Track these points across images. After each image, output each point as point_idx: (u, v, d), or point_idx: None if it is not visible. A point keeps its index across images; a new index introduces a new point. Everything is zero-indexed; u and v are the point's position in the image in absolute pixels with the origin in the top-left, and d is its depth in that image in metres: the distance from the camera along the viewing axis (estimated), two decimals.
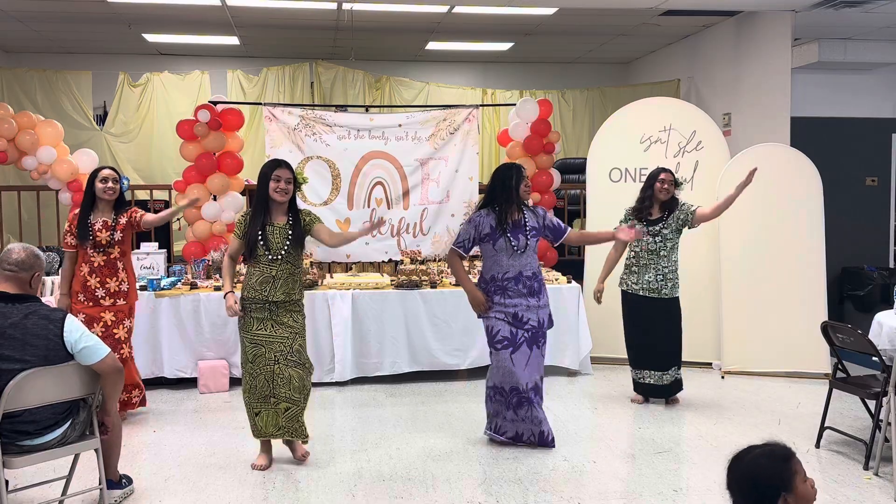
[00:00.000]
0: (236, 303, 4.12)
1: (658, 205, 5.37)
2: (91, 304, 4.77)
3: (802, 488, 2.04)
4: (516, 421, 4.51)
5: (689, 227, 5.38)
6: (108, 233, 4.78)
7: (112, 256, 4.81)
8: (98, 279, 4.77)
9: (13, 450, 3.20)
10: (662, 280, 5.30)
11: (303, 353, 4.22)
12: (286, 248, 4.13)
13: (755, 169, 5.33)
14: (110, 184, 4.78)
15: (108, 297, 4.80)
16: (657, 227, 5.32)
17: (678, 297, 5.40)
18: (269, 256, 4.10)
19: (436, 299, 6.06)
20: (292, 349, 4.15)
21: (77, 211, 4.88)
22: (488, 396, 4.59)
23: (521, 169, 4.53)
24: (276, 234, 4.12)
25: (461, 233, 4.52)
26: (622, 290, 5.48)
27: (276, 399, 4.15)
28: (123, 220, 4.84)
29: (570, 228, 4.69)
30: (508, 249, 4.39)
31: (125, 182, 4.96)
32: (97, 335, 4.68)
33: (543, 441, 4.52)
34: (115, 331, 4.84)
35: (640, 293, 5.35)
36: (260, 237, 4.10)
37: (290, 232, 4.15)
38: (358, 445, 4.60)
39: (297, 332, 4.19)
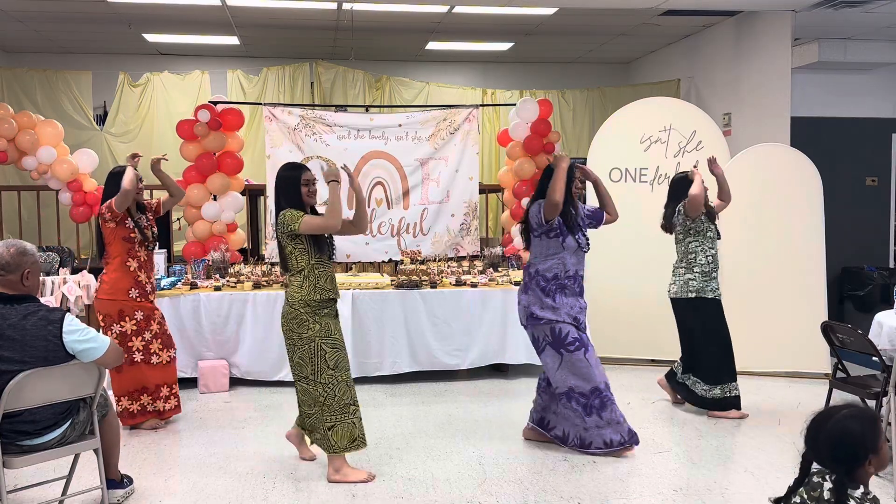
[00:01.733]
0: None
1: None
2: (143, 300, 4.84)
3: (884, 450, 2.17)
4: (601, 426, 4.31)
5: None
6: (150, 229, 4.93)
7: (152, 252, 4.97)
8: (146, 274, 4.88)
9: (13, 450, 3.20)
10: None
11: None
12: (334, 245, 4.16)
13: (713, 159, 5.32)
14: (139, 185, 4.85)
15: (152, 292, 4.95)
16: (717, 227, 5.23)
17: None
18: (330, 254, 4.10)
19: (436, 299, 6.06)
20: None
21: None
22: (567, 398, 4.35)
23: (574, 170, 4.46)
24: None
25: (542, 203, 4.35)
26: (708, 299, 5.07)
27: (355, 406, 4.02)
28: (150, 214, 4.99)
29: (602, 209, 4.65)
30: (575, 248, 4.38)
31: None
32: (156, 332, 4.78)
33: (633, 439, 4.36)
34: (166, 328, 4.96)
35: (720, 298, 5.14)
36: (328, 235, 4.05)
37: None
38: None
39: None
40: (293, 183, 4.01)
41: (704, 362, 5.15)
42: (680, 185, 5.24)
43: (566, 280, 4.38)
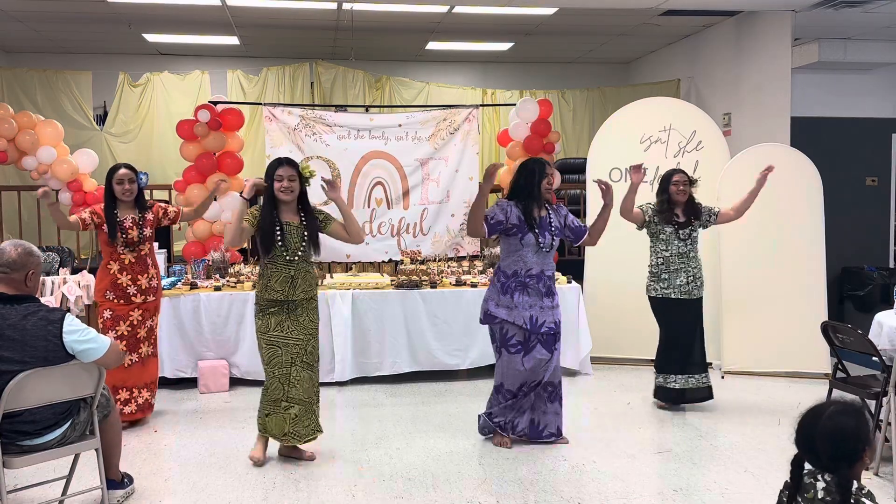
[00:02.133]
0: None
1: (681, 207, 5.28)
2: (121, 301, 4.77)
3: (872, 439, 2.17)
4: (504, 408, 4.52)
5: (704, 228, 5.38)
6: (138, 230, 4.79)
7: (143, 253, 4.85)
8: (129, 276, 4.78)
9: (13, 450, 3.20)
10: (693, 281, 5.25)
11: (314, 353, 4.26)
12: (303, 247, 4.13)
13: (771, 168, 5.36)
14: (126, 185, 4.74)
15: (139, 294, 4.82)
16: (687, 231, 5.25)
17: (702, 297, 5.37)
18: (287, 256, 4.09)
19: (436, 299, 6.06)
20: (306, 351, 4.19)
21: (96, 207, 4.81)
22: (495, 391, 4.59)
23: (545, 165, 4.45)
24: (292, 234, 4.11)
25: (489, 210, 4.39)
26: (651, 297, 5.31)
27: (287, 402, 4.15)
28: (150, 215, 4.87)
29: (588, 229, 4.65)
30: (535, 246, 4.36)
31: (143, 178, 4.94)
32: (123, 333, 4.72)
33: (536, 434, 4.52)
34: (138, 330, 4.87)
35: (672, 296, 5.22)
36: (279, 236, 4.07)
37: (304, 232, 4.14)
38: (358, 445, 4.59)
39: (312, 334, 4.22)
40: (268, 176, 4.14)
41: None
42: (659, 184, 5.39)
43: (527, 279, 4.38)
